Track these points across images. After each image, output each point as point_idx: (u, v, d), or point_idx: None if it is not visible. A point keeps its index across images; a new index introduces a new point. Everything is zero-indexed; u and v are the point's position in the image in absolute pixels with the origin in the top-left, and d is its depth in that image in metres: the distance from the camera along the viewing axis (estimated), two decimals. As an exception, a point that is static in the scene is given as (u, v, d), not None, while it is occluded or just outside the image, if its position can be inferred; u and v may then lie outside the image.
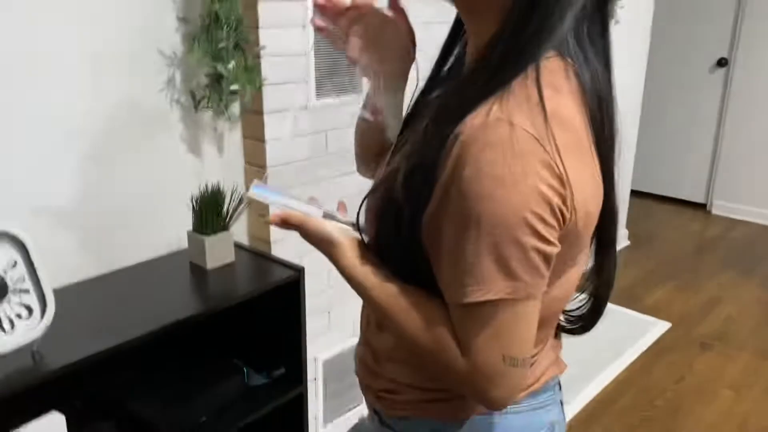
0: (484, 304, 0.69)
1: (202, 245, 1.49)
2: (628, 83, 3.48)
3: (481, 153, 0.67)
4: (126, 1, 1.44)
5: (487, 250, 0.67)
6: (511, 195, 0.66)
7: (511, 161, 0.66)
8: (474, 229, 0.67)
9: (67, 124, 1.40)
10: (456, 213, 0.69)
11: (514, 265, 0.68)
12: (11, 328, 1.11)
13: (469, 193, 0.67)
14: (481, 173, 0.66)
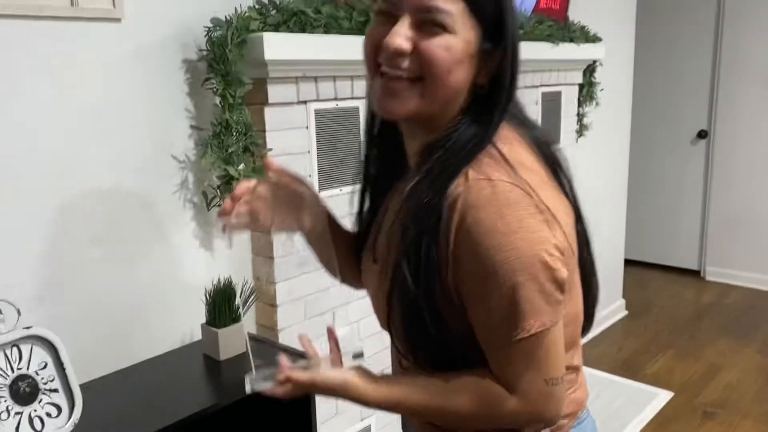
0: (522, 341, 0.80)
1: (215, 337, 1.56)
2: (614, 156, 3.64)
3: (477, 213, 0.78)
4: (144, 112, 1.58)
5: (514, 294, 0.78)
6: (516, 241, 0.77)
7: (506, 211, 0.78)
8: (493, 280, 0.78)
9: (91, 229, 1.51)
10: (474, 272, 0.79)
11: (538, 300, 0.79)
12: (42, 427, 1.17)
13: (480, 251, 0.77)
14: (483, 231, 0.77)
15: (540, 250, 0.78)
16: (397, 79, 0.83)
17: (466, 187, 0.79)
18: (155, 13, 1.57)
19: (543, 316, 0.80)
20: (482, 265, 0.78)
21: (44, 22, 1.39)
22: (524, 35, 2.45)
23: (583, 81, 3.02)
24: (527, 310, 0.79)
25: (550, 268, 0.79)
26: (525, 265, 0.77)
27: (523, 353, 0.81)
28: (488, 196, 0.78)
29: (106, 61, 1.50)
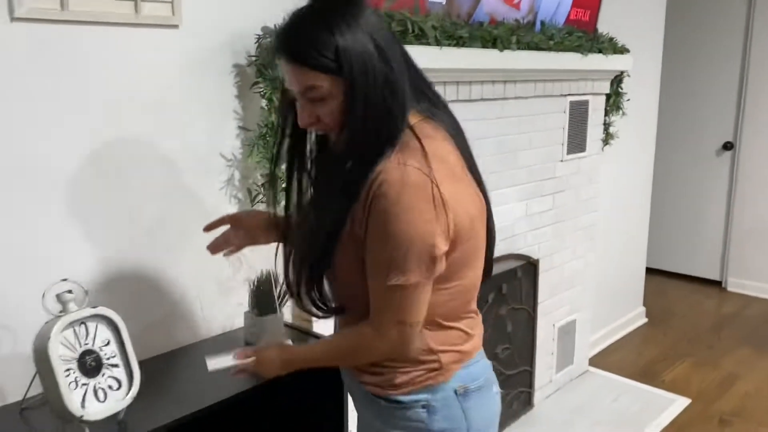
0: (391, 287, 1.08)
1: (256, 324, 1.67)
2: (638, 165, 3.70)
3: (388, 188, 1.05)
4: (197, 113, 1.69)
5: (397, 254, 1.06)
6: (410, 218, 1.04)
7: (408, 191, 1.05)
8: (388, 239, 1.06)
9: (147, 221, 1.63)
10: (376, 229, 1.07)
11: (414, 264, 1.06)
12: (104, 398, 1.29)
13: (384, 216, 1.05)
14: (389, 202, 1.04)
15: (424, 231, 1.05)
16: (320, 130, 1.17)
17: (394, 167, 1.06)
18: (210, 20, 1.69)
19: (412, 277, 1.07)
20: (383, 226, 1.05)
21: (110, 28, 1.51)
22: (554, 45, 2.54)
23: (610, 91, 3.09)
24: (403, 268, 1.06)
25: (429, 245, 1.06)
26: (412, 237, 1.05)
27: (389, 297, 1.10)
28: (396, 176, 1.05)
29: (164, 65, 1.62)
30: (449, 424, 1.21)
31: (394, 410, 1.21)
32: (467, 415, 1.22)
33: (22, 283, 1.42)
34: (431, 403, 1.19)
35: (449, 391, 1.20)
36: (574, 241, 3.05)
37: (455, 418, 1.21)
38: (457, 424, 1.21)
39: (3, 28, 1.34)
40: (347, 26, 1.04)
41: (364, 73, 1.04)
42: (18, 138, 1.39)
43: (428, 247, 1.06)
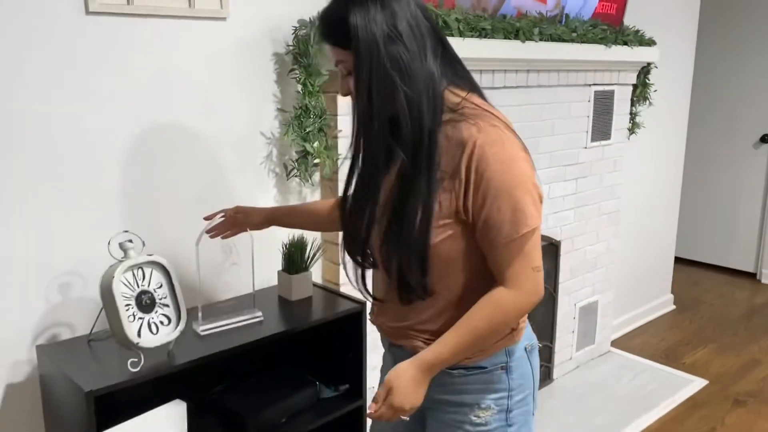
0: (520, 237, 1.12)
1: (289, 282, 1.91)
2: (668, 155, 3.79)
3: (490, 147, 1.10)
4: (240, 96, 1.93)
5: (520, 203, 1.11)
6: (518, 167, 1.11)
7: (508, 146, 1.12)
8: (509, 194, 1.10)
9: (194, 191, 1.87)
10: (486, 188, 1.11)
11: (531, 207, 1.12)
12: (157, 331, 1.54)
13: (493, 173, 1.10)
14: (494, 159, 1.10)
15: (531, 174, 1.14)
16: None
17: (478, 131, 1.12)
18: (253, 13, 1.92)
19: (534, 220, 1.13)
20: (496, 182, 1.10)
21: (168, 20, 1.75)
22: (577, 38, 2.68)
23: (637, 82, 3.20)
24: (526, 214, 1.11)
25: (536, 187, 1.14)
26: (525, 181, 1.12)
27: (518, 248, 1.13)
28: (493, 136, 1.12)
29: (214, 53, 1.86)
30: (522, 380, 1.28)
31: (473, 376, 1.25)
32: (533, 370, 1.31)
33: (90, 237, 1.69)
34: (509, 364, 1.26)
35: (521, 350, 1.28)
36: (597, 226, 3.19)
37: (526, 375, 1.29)
38: (528, 380, 1.30)
39: (79, 20, 1.60)
40: (365, 8, 1.10)
41: (369, 52, 1.10)
42: (92, 114, 1.65)
43: (536, 189, 1.14)
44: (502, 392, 1.26)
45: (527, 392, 1.30)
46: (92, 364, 1.55)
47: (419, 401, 1.20)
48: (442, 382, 1.25)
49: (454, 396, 1.28)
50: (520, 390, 1.28)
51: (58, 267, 1.67)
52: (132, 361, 1.48)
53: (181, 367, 1.54)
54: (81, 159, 1.66)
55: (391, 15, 1.11)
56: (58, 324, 1.69)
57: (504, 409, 1.27)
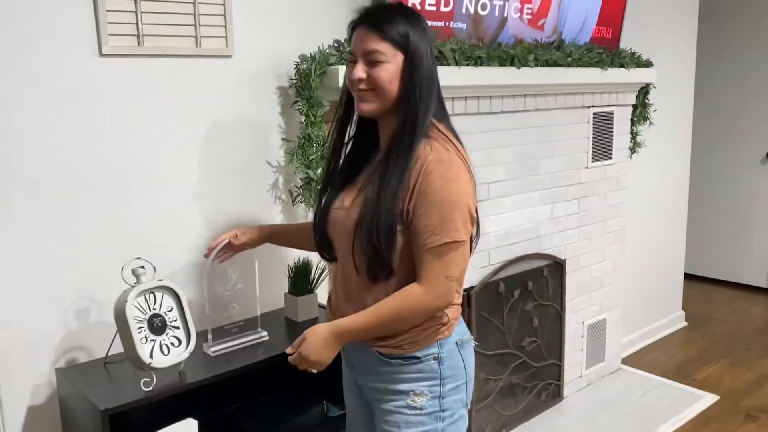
0: (441, 245, 1.32)
1: (295, 303, 1.99)
2: (672, 173, 3.84)
3: (437, 165, 1.33)
4: (247, 127, 2.04)
5: (449, 216, 1.32)
6: (456, 186, 1.33)
7: (453, 167, 1.35)
8: (438, 204, 1.32)
9: (204, 218, 1.97)
10: (426, 198, 1.32)
11: (458, 224, 1.33)
12: (168, 352, 1.62)
13: (434, 187, 1.32)
14: (438, 175, 1.32)
15: (468, 196, 1.36)
16: (363, 91, 1.41)
17: (431, 151, 1.35)
18: (257, 50, 2.03)
19: (459, 234, 1.33)
20: (433, 194, 1.32)
21: (177, 59, 1.87)
22: (573, 62, 2.77)
23: (637, 102, 3.27)
24: (452, 227, 1.32)
25: (470, 209, 1.36)
26: (459, 201, 1.33)
27: (438, 254, 1.33)
28: (442, 158, 1.35)
29: (220, 88, 1.97)
30: (454, 371, 1.46)
31: (408, 366, 1.43)
32: (465, 363, 1.49)
33: (104, 264, 1.78)
34: (440, 355, 1.44)
35: (452, 344, 1.46)
36: (602, 244, 3.24)
37: (457, 366, 1.47)
38: (459, 371, 1.47)
39: (94, 62, 1.72)
40: (418, 26, 1.39)
41: (419, 60, 1.37)
42: (106, 148, 1.77)
43: (470, 210, 1.36)
44: (434, 380, 1.44)
45: (460, 383, 1.48)
46: (108, 384, 1.64)
47: (326, 360, 1.42)
48: (382, 371, 1.46)
49: (393, 385, 1.46)
50: (452, 379, 1.46)
51: (75, 294, 1.76)
52: (145, 381, 1.56)
53: (192, 386, 1.62)
54: (97, 191, 1.76)
55: (429, 40, 1.42)
56: (76, 348, 1.79)
57: (437, 395, 1.45)
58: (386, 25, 1.37)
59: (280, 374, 2.02)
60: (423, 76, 1.38)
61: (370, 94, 1.40)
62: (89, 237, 1.77)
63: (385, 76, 1.37)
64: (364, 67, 1.39)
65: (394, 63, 1.37)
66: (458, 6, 2.37)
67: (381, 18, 1.39)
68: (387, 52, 1.36)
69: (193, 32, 1.88)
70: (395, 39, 1.36)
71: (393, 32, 1.36)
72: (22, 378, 1.71)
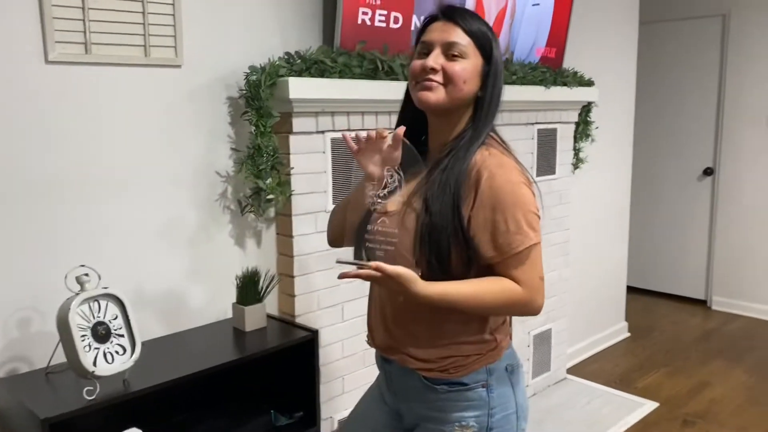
0: (527, 249, 1.27)
1: (242, 313, 1.99)
2: (614, 188, 3.98)
3: (498, 170, 1.27)
4: (196, 137, 2.04)
5: (521, 220, 1.26)
6: (520, 190, 1.28)
7: (514, 172, 1.29)
8: (509, 210, 1.25)
9: (152, 227, 1.97)
10: (493, 206, 1.26)
11: (534, 225, 1.28)
12: (112, 360, 1.61)
13: (500, 192, 1.26)
14: (501, 181, 1.26)
15: (532, 198, 1.30)
16: (433, 81, 1.31)
17: (490, 156, 1.30)
18: (207, 61, 2.04)
19: (537, 235, 1.28)
20: (500, 201, 1.26)
21: (125, 68, 1.87)
22: (518, 80, 2.86)
23: (579, 120, 3.40)
24: (529, 230, 1.27)
25: (536, 210, 1.30)
26: (526, 204, 1.27)
27: (527, 257, 1.27)
28: (503, 163, 1.30)
29: (169, 98, 1.97)
30: (503, 399, 1.36)
31: (455, 393, 1.35)
32: (515, 390, 1.39)
33: (47, 273, 1.76)
34: (489, 382, 1.35)
35: (501, 370, 1.37)
36: (546, 256, 3.33)
37: (507, 395, 1.37)
38: (509, 400, 1.37)
39: (39, 69, 1.71)
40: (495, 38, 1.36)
41: (500, 70, 1.36)
42: (51, 155, 1.75)
43: (537, 212, 1.29)
44: (482, 409, 1.35)
45: (509, 412, 1.37)
46: (49, 394, 1.61)
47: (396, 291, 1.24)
48: (428, 398, 1.37)
49: (438, 413, 1.37)
50: (501, 409, 1.36)
51: (16, 303, 1.73)
52: (88, 389, 1.55)
53: (136, 395, 1.60)
54: (39, 197, 1.74)
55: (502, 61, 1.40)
56: (16, 359, 1.75)
57: (484, 426, 1.35)
58: (473, 24, 1.33)
59: (228, 384, 2.03)
60: (500, 86, 1.36)
61: (440, 87, 1.31)
62: (31, 245, 1.74)
63: (461, 72, 1.30)
64: (440, 58, 1.31)
65: (472, 62, 1.32)
66: (406, 24, 2.44)
67: (466, 16, 1.34)
68: (469, 49, 1.31)
69: (142, 41, 1.89)
70: (480, 39, 1.32)
71: (478, 32, 1.33)
72: (-41, 389, 1.67)
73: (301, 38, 2.27)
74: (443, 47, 1.31)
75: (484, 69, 1.33)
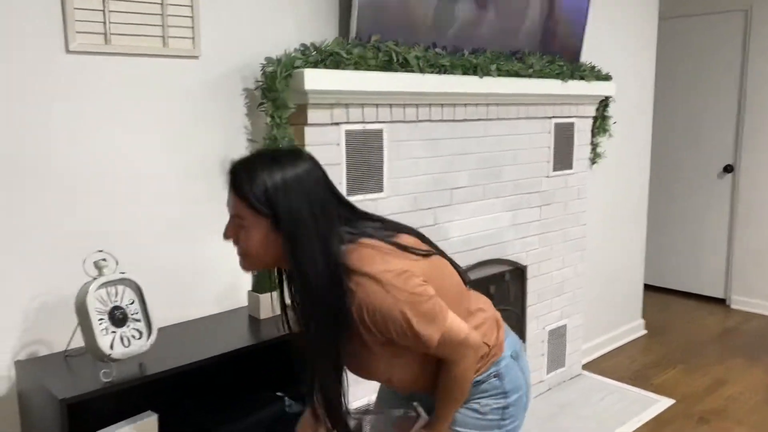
0: (439, 339, 1.31)
1: (257, 300, 2.02)
2: (632, 184, 3.95)
3: (371, 301, 1.25)
4: (213, 128, 2.07)
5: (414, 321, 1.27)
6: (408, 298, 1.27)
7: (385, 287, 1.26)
8: (400, 322, 1.27)
9: (169, 215, 2.00)
10: (391, 323, 1.26)
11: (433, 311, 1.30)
12: (128, 344, 1.64)
13: (390, 314, 1.26)
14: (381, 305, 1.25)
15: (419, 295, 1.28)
16: (239, 251, 1.33)
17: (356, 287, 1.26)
18: (224, 52, 2.07)
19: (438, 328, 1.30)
20: (394, 319, 1.27)
21: (144, 58, 1.90)
22: (534, 73, 2.86)
23: (597, 114, 3.38)
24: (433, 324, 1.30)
25: (427, 297, 1.29)
26: (408, 303, 1.27)
27: (440, 345, 1.32)
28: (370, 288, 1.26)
29: (186, 88, 2.00)
30: (515, 383, 1.48)
31: (472, 388, 1.45)
32: (524, 372, 1.52)
33: (67, 258, 1.80)
34: (500, 371, 1.46)
35: (508, 358, 1.49)
36: (562, 251, 3.32)
37: (518, 378, 1.49)
38: (520, 381, 1.50)
39: (60, 58, 1.75)
40: (283, 182, 1.25)
41: (290, 218, 1.25)
42: (71, 145, 1.79)
43: (425, 299, 1.28)
44: (499, 395, 1.47)
45: (521, 392, 1.50)
46: (67, 376, 1.65)
47: None
48: None
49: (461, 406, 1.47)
50: (513, 391, 1.48)
51: (37, 287, 1.77)
52: (104, 372, 1.58)
53: (151, 378, 1.63)
54: (58, 185, 1.78)
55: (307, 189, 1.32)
56: (36, 341, 1.79)
57: (501, 406, 1.47)
58: (248, 188, 1.25)
59: (242, 370, 2.05)
60: (302, 219, 1.26)
61: (245, 257, 1.33)
62: (51, 232, 1.78)
63: (250, 244, 1.29)
64: (233, 227, 1.32)
65: (259, 229, 1.27)
66: (423, 15, 2.45)
67: (243, 178, 1.27)
68: (252, 218, 1.26)
69: (160, 32, 1.92)
70: (259, 202, 1.25)
71: (257, 196, 1.25)
72: (-19, 371, 1.71)
73: (317, 30, 2.29)
74: (232, 218, 1.31)
75: (275, 225, 1.26)
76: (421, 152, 2.55)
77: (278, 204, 1.24)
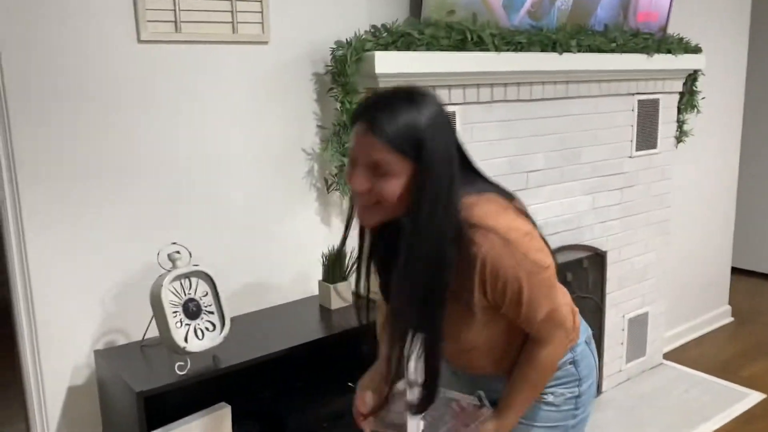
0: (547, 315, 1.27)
1: (328, 291, 1.99)
2: (720, 164, 3.71)
3: (490, 249, 1.17)
4: (283, 114, 2.03)
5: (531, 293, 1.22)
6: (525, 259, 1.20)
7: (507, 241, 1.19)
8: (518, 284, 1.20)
9: (239, 204, 1.98)
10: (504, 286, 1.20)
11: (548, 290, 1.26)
12: (202, 336, 1.64)
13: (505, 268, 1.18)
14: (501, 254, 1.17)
15: (534, 251, 1.22)
16: (365, 202, 1.19)
17: (476, 239, 1.17)
18: (293, 36, 2.02)
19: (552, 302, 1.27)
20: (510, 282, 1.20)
21: (214, 45, 1.87)
22: (617, 48, 2.68)
23: (684, 89, 3.16)
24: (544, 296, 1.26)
25: (543, 268, 1.23)
26: (532, 272, 1.21)
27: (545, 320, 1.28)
28: (495, 241, 1.17)
29: (256, 74, 1.97)
30: (588, 369, 1.45)
31: None
32: (594, 358, 1.48)
33: (142, 250, 1.81)
34: (575, 358, 1.41)
35: (583, 344, 1.44)
36: (645, 235, 3.15)
37: (591, 364, 1.46)
38: (592, 368, 1.46)
39: (132, 48, 1.74)
40: (428, 121, 1.14)
41: (429, 167, 1.14)
42: (143, 135, 1.78)
43: (543, 269, 1.23)
44: (573, 383, 1.42)
45: (592, 379, 1.46)
46: (144, 367, 1.66)
47: None
48: None
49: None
50: (587, 377, 1.44)
51: (114, 278, 1.79)
52: (179, 364, 1.58)
53: (225, 371, 1.63)
54: (135, 177, 1.79)
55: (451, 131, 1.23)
56: (114, 331, 1.82)
57: (575, 395, 1.42)
58: (391, 128, 1.13)
59: (314, 361, 2.03)
60: (440, 171, 1.15)
61: (374, 207, 1.19)
62: (127, 222, 1.79)
63: (390, 192, 1.16)
64: (366, 175, 1.17)
65: (402, 176, 1.15)
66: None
67: (383, 120, 1.13)
68: (394, 163, 1.14)
69: (230, 18, 1.88)
70: (403, 144, 1.13)
71: (401, 137, 1.13)
72: (63, 359, 1.75)
73: (388, 11, 2.21)
74: (367, 165, 1.15)
75: (415, 171, 1.14)
76: (495, 134, 2.44)
77: (425, 146, 1.13)
